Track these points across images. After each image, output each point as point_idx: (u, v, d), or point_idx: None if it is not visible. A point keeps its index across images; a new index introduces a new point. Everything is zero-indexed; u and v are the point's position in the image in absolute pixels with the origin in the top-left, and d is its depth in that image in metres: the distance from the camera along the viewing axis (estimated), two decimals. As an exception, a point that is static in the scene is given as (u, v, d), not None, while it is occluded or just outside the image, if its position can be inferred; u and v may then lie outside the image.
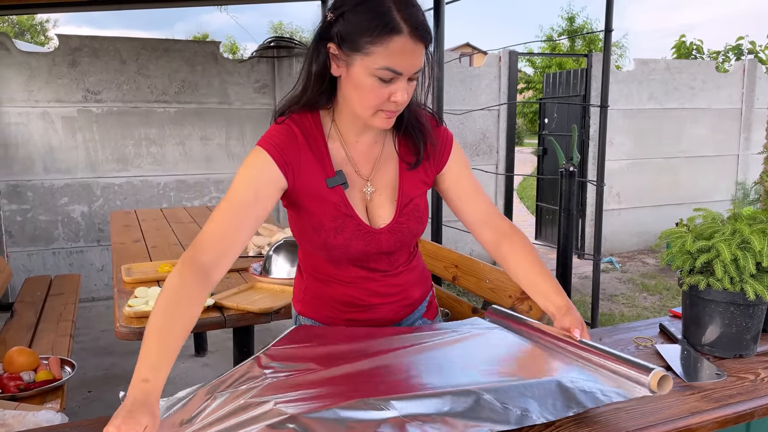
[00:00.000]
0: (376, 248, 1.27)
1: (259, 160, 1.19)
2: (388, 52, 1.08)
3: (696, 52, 9.29)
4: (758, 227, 1.24)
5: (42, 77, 4.73)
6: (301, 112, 1.23)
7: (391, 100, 1.13)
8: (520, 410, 0.94)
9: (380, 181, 1.28)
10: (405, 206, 1.28)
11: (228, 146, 5.30)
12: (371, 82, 1.11)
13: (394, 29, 1.07)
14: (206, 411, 0.96)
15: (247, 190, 1.17)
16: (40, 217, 4.87)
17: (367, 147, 1.28)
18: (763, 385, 1.15)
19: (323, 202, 1.23)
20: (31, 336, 2.83)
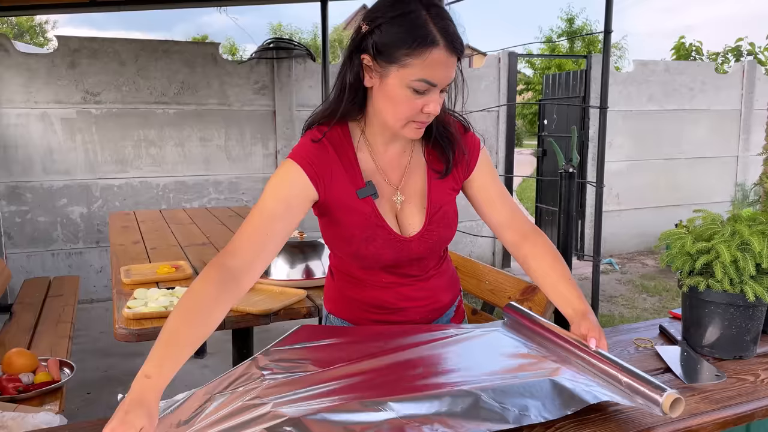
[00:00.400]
0: (406, 256, 1.28)
1: (291, 173, 1.20)
2: (425, 64, 1.09)
3: (695, 54, 9.29)
4: (758, 228, 1.24)
5: (41, 78, 4.73)
6: (331, 125, 1.23)
7: (424, 111, 1.15)
8: (518, 410, 0.94)
9: (409, 190, 1.29)
10: (434, 214, 1.29)
11: (227, 147, 5.30)
12: (405, 93, 1.13)
13: (432, 42, 1.09)
14: (204, 412, 0.96)
15: (278, 202, 1.18)
16: (39, 219, 4.86)
17: (396, 156, 1.29)
18: (763, 387, 1.15)
19: (354, 213, 1.24)
20: (30, 338, 2.83)
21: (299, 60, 5.41)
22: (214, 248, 2.88)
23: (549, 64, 22.62)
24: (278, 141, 5.41)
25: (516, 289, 1.83)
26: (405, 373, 1.07)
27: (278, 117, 5.38)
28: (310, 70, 5.44)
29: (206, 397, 1.00)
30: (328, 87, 5.07)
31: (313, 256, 2.24)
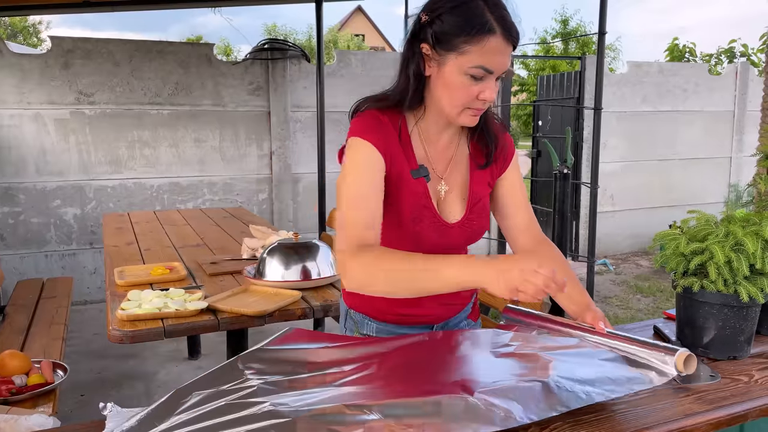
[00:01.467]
0: (446, 242, 1.32)
1: (365, 152, 1.22)
2: (483, 51, 1.14)
3: (689, 55, 9.33)
4: (751, 229, 1.25)
5: (34, 79, 4.71)
6: (390, 109, 1.27)
7: (480, 98, 1.19)
8: (503, 412, 0.94)
9: (453, 181, 1.34)
10: (475, 205, 1.35)
11: (222, 148, 5.29)
12: (462, 80, 1.17)
13: (489, 30, 1.13)
14: (184, 407, 0.96)
15: (369, 184, 1.21)
16: (32, 220, 4.84)
17: (444, 147, 1.34)
18: (756, 387, 1.15)
19: (406, 191, 1.28)
20: (23, 339, 2.81)
21: (294, 61, 5.40)
22: (208, 249, 2.87)
23: (543, 65, 22.68)
24: (273, 142, 5.40)
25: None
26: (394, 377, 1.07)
27: (273, 118, 5.37)
28: (304, 70, 5.44)
29: (186, 395, 1.00)
30: (323, 87, 5.07)
31: (307, 257, 2.24)
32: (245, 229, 3.38)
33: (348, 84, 5.57)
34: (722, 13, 70.09)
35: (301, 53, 5.48)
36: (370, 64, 5.67)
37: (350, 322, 1.45)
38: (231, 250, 2.85)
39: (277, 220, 5.51)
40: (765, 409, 1.09)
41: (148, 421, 0.95)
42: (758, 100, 6.03)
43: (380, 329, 1.40)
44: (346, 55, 5.74)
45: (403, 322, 1.39)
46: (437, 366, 1.11)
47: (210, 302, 1.96)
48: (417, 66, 1.22)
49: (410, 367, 1.10)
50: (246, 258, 2.63)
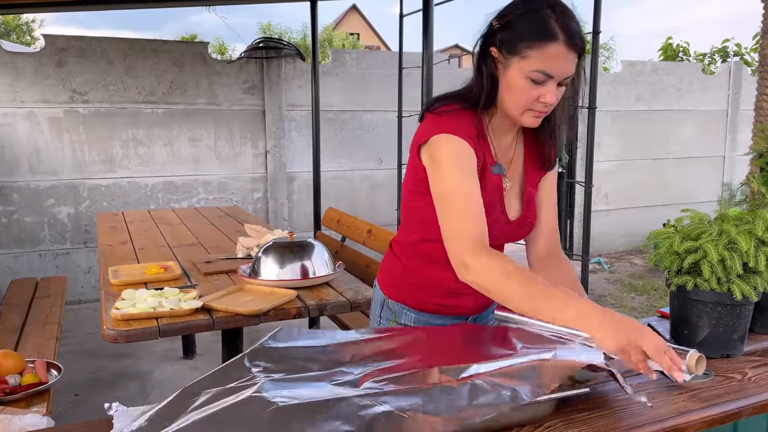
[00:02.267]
0: (504, 238, 1.41)
1: (460, 148, 1.27)
2: (544, 56, 1.20)
3: (683, 54, 9.36)
4: (745, 228, 1.25)
5: (28, 77, 4.68)
6: (466, 108, 1.33)
7: (540, 101, 1.24)
8: (510, 391, 0.96)
9: (513, 179, 1.42)
10: (530, 203, 1.43)
11: (216, 147, 5.28)
12: (524, 83, 1.23)
13: (551, 36, 1.19)
14: (193, 405, 0.95)
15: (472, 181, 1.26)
16: (26, 219, 4.82)
17: (508, 147, 1.41)
18: (750, 385, 1.16)
19: (487, 184, 1.33)
20: (17, 339, 2.80)
21: (289, 60, 5.39)
22: (203, 248, 2.87)
23: (538, 64, 22.67)
24: (268, 141, 5.40)
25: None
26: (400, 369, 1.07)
27: (268, 117, 5.36)
28: (299, 69, 5.43)
29: (193, 395, 0.99)
30: (318, 86, 5.07)
31: (303, 256, 2.24)
32: (240, 228, 3.37)
33: (343, 83, 5.56)
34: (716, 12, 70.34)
35: (296, 52, 5.47)
36: (365, 63, 5.66)
37: (387, 312, 1.50)
38: (226, 249, 2.85)
39: (272, 219, 5.50)
40: (758, 406, 1.10)
41: (158, 421, 0.94)
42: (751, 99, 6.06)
43: (418, 319, 1.47)
44: (341, 54, 5.74)
45: (442, 312, 1.46)
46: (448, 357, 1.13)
47: (205, 301, 1.95)
48: (489, 68, 1.28)
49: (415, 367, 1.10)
50: (241, 257, 2.63)
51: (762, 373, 1.21)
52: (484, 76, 1.30)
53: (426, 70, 3.88)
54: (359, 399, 0.92)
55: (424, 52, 3.93)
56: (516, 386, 0.98)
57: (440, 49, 24.97)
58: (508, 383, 0.99)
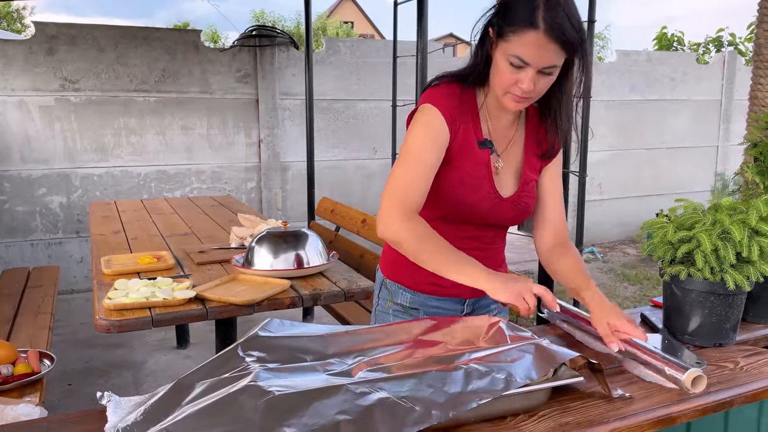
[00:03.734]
0: (497, 215, 1.43)
1: (434, 117, 1.34)
2: (522, 42, 1.23)
3: (677, 44, 9.35)
4: (738, 218, 1.26)
5: (18, 65, 4.63)
6: (462, 84, 1.38)
7: (518, 85, 1.27)
8: (505, 374, 0.97)
9: (509, 159, 1.44)
10: (526, 184, 1.45)
11: (209, 136, 5.25)
12: (504, 65, 1.27)
13: (532, 24, 1.21)
14: (188, 398, 0.95)
15: (431, 151, 1.32)
16: (18, 208, 4.79)
17: (506, 127, 1.44)
18: (742, 374, 1.17)
19: (471, 159, 1.38)
20: (9, 329, 2.79)
21: (282, 48, 5.35)
22: (196, 238, 2.86)
23: (532, 53, 22.63)
24: (261, 130, 5.37)
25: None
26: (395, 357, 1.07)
27: (261, 105, 5.33)
28: (293, 58, 5.39)
29: (188, 387, 0.99)
30: (312, 75, 5.04)
31: (296, 246, 2.23)
32: (233, 217, 3.36)
33: (337, 71, 5.53)
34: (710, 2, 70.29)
35: (289, 40, 5.43)
36: (359, 52, 5.63)
37: (385, 292, 1.56)
38: (219, 238, 2.84)
39: (265, 208, 5.49)
40: (750, 395, 1.11)
41: (153, 415, 0.93)
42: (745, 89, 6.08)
43: (414, 299, 1.51)
44: (335, 42, 5.70)
45: (438, 294, 1.49)
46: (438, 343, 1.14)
47: (198, 291, 1.95)
48: (485, 48, 1.33)
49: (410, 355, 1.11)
50: (234, 247, 2.62)
51: (754, 362, 1.21)
52: (480, 55, 1.35)
53: (420, 59, 3.85)
54: (355, 387, 0.92)
55: (419, 40, 3.90)
56: (510, 369, 0.99)
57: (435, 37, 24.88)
58: (504, 363, 1.00)
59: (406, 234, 1.27)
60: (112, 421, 0.95)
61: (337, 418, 0.86)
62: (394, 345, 1.14)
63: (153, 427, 0.89)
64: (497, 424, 0.98)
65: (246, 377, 0.96)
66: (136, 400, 1.02)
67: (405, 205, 1.28)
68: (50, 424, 1.00)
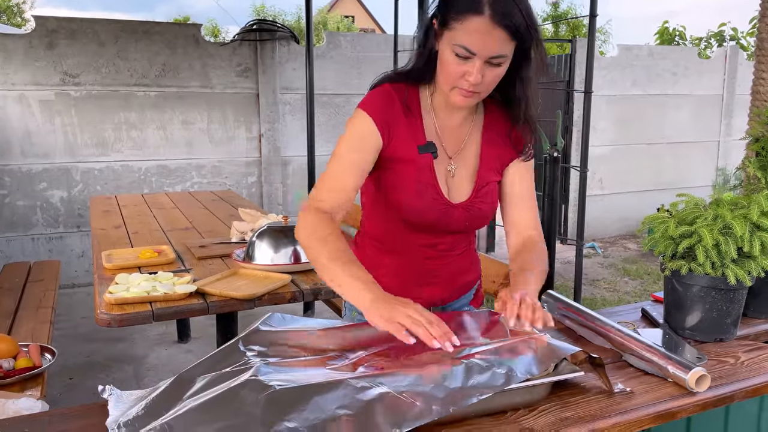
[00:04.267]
0: (447, 222, 1.33)
1: (362, 122, 1.27)
2: (466, 30, 1.14)
3: (679, 39, 9.32)
4: (740, 213, 1.25)
5: (18, 59, 4.62)
6: (402, 84, 1.31)
7: (465, 78, 1.18)
8: (505, 369, 0.97)
9: (462, 161, 1.35)
10: (482, 188, 1.34)
11: (210, 130, 5.24)
12: (450, 57, 1.18)
13: (475, 9, 1.13)
14: (190, 392, 0.95)
15: (358, 154, 1.26)
16: (18, 203, 4.79)
17: (456, 125, 1.34)
18: (743, 369, 1.17)
19: (411, 166, 1.30)
20: (11, 323, 2.79)
21: (283, 42, 5.34)
22: (197, 232, 2.86)
23: (534, 48, 22.57)
24: (262, 124, 5.36)
25: (500, 274, 1.84)
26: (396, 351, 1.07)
27: (262, 100, 5.32)
28: (294, 52, 5.38)
29: (189, 381, 0.99)
30: (312, 69, 5.03)
31: (297, 240, 2.23)
32: (234, 212, 3.36)
33: (337, 66, 5.52)
34: (712, -4, 70.02)
35: (290, 34, 5.41)
36: (360, 46, 5.61)
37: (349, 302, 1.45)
38: (220, 233, 2.83)
39: (266, 203, 5.48)
40: (751, 390, 1.11)
41: (155, 409, 0.93)
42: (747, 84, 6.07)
43: None
44: (335, 36, 5.68)
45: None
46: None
47: (199, 286, 1.95)
48: (430, 41, 1.24)
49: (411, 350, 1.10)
50: (235, 241, 2.62)
51: (755, 357, 1.21)
52: (424, 49, 1.26)
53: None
54: (356, 381, 0.92)
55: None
56: (511, 364, 0.99)
57: (435, 32, 24.61)
58: (505, 358, 1.00)
59: (310, 239, 1.21)
60: (114, 416, 0.96)
61: (337, 413, 0.86)
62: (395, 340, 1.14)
63: (154, 421, 0.90)
64: (498, 419, 0.98)
65: (247, 372, 0.96)
66: (138, 394, 1.02)
67: (320, 210, 1.23)
68: (51, 418, 1.00)
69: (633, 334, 1.22)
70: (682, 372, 1.07)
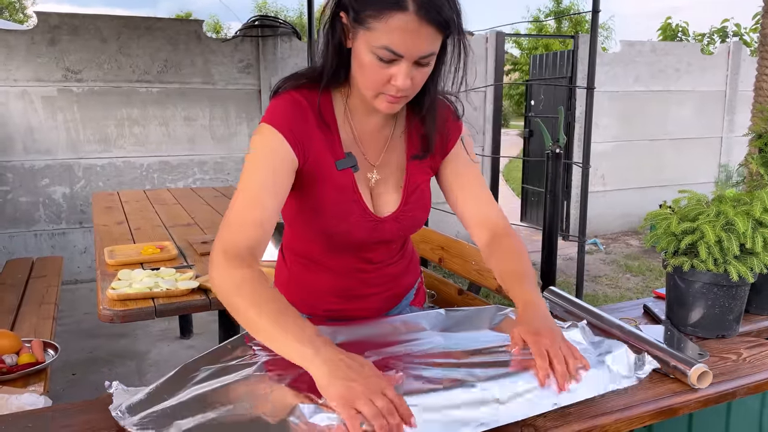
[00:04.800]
0: (378, 237, 1.21)
1: (270, 142, 1.09)
2: (389, 29, 0.97)
3: (681, 34, 9.30)
4: (742, 209, 1.25)
5: (20, 56, 4.63)
6: (313, 88, 1.13)
7: (391, 83, 1.03)
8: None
9: (387, 168, 1.20)
10: (411, 194, 1.21)
11: (212, 127, 5.24)
12: (371, 60, 1.01)
13: (397, 5, 0.96)
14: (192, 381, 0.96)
15: (266, 178, 1.07)
16: (21, 199, 4.79)
17: (376, 130, 1.19)
18: (745, 365, 1.17)
19: (330, 185, 1.14)
20: (13, 319, 2.80)
21: (285, 38, 5.33)
22: (199, 228, 2.86)
23: (536, 44, 22.57)
24: (264, 120, 5.36)
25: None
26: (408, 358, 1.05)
27: (263, 96, 5.32)
28: (295, 48, 5.38)
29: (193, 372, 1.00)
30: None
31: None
32: (236, 208, 3.36)
33: (339, 62, 5.51)
34: (715, -8, 69.78)
35: (291, 30, 5.41)
36: (361, 42, 5.60)
37: None
38: (222, 229, 2.84)
39: (268, 199, 5.48)
40: (753, 386, 1.11)
41: (156, 395, 0.94)
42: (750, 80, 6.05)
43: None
44: (337, 32, 5.67)
45: (337, 317, 1.27)
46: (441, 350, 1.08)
47: (201, 281, 1.95)
48: (337, 37, 1.06)
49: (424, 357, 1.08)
50: (237, 237, 2.62)
51: (757, 354, 1.21)
52: (330, 47, 1.08)
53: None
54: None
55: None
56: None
57: (438, 28, 24.55)
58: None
59: (231, 297, 0.97)
60: (117, 402, 0.96)
61: None
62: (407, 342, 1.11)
63: (155, 406, 0.91)
64: (499, 415, 0.98)
65: (252, 366, 0.98)
66: (142, 389, 1.02)
67: (231, 250, 1.01)
68: (54, 414, 1.00)
69: (635, 330, 1.21)
70: (684, 368, 1.07)
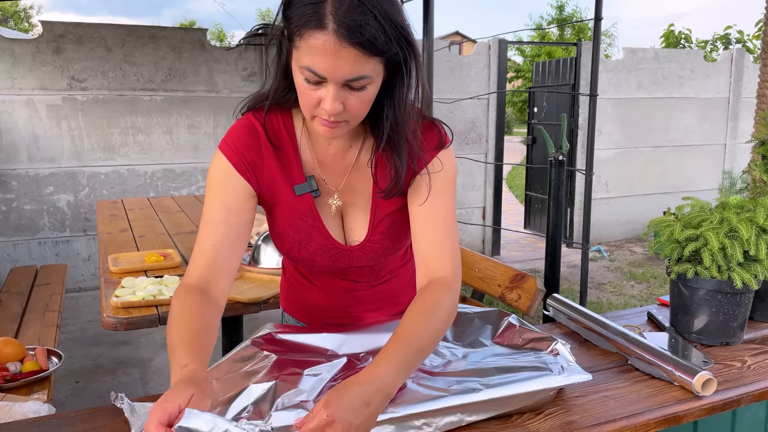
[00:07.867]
0: (345, 265, 1.15)
1: (220, 170, 1.06)
2: (309, 48, 0.89)
3: (684, 41, 9.32)
4: (746, 216, 1.25)
5: (26, 64, 4.66)
6: (271, 110, 1.08)
7: (321, 107, 0.94)
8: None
9: (352, 194, 1.11)
10: (379, 223, 1.11)
11: (216, 135, 5.26)
12: (300, 81, 0.94)
13: (316, 24, 0.87)
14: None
15: (218, 207, 1.05)
16: (25, 207, 4.81)
17: (340, 153, 1.10)
18: (749, 373, 1.16)
19: (288, 210, 1.09)
20: (17, 326, 2.81)
21: (288, 46, 5.36)
22: (202, 236, 2.87)
23: (539, 51, 22.61)
24: (267, 128, 5.37)
25: (505, 277, 1.84)
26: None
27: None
28: (299, 56, 5.40)
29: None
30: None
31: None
32: (240, 215, 3.36)
33: (343, 70, 5.53)
34: (718, -1, 69.88)
35: (295, 39, 5.43)
36: (364, 50, 5.62)
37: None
38: (225, 237, 2.84)
39: (271, 206, 5.50)
40: (757, 394, 1.10)
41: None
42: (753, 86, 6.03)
43: None
44: (340, 40, 5.69)
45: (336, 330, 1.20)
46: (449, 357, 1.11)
47: (205, 289, 1.95)
48: (282, 56, 0.99)
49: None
50: (241, 245, 2.62)
51: (761, 361, 1.21)
52: (279, 66, 1.01)
53: (426, 58, 3.86)
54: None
55: (425, 38, 3.90)
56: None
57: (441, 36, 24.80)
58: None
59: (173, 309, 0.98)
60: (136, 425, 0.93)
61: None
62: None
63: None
64: (504, 422, 0.98)
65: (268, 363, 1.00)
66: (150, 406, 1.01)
67: (186, 278, 1.02)
68: (58, 421, 1.00)
69: (639, 337, 1.21)
70: (689, 376, 1.07)
